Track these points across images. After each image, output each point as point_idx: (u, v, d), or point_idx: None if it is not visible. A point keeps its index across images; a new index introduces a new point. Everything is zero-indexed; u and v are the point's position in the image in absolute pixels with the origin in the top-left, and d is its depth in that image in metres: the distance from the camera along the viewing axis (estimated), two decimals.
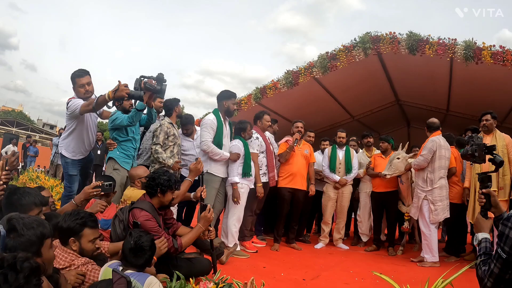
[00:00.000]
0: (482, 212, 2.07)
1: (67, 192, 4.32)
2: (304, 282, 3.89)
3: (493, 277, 1.64)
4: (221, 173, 4.80)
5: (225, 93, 5.00)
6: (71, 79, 4.17)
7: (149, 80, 3.99)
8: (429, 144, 5.06)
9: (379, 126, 11.27)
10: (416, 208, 5.10)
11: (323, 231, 6.15)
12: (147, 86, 3.96)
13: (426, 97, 9.19)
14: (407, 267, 4.94)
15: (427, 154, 5.00)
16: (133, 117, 4.20)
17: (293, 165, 5.62)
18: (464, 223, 5.37)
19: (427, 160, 4.99)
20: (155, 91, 4.04)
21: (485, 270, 1.70)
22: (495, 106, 5.96)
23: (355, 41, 7.41)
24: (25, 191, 2.45)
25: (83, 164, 4.44)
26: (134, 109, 4.16)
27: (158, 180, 3.25)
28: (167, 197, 3.33)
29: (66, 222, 2.47)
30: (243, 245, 5.20)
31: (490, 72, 6.37)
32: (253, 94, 8.58)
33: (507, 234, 1.59)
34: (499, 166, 2.16)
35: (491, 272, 1.65)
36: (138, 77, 4.00)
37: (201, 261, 3.65)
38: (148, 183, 3.32)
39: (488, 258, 1.75)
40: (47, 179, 8.58)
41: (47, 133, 49.71)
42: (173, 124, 4.81)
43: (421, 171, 5.09)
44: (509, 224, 1.59)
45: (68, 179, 4.36)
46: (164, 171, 3.40)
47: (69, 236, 2.47)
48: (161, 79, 4.03)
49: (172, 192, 3.35)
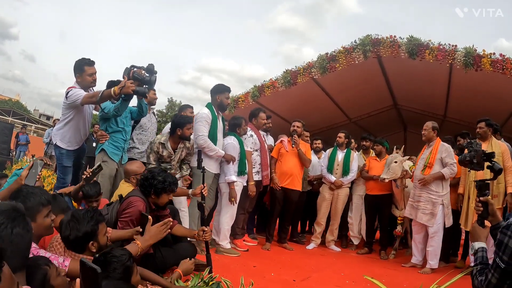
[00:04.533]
0: (479, 220, 2.02)
1: (61, 184, 4.25)
2: (294, 283, 3.84)
3: (490, 287, 1.60)
4: (213, 169, 4.72)
5: (219, 87, 4.92)
6: (79, 66, 4.13)
7: (138, 70, 3.95)
8: (450, 149, 5.02)
9: (375, 129, 11.27)
10: (431, 214, 4.92)
11: (315, 231, 6.11)
12: (135, 76, 3.91)
13: (424, 102, 9.20)
14: (399, 271, 4.92)
15: (455, 160, 4.91)
16: (118, 106, 4.07)
17: (286, 164, 5.58)
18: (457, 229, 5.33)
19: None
20: (144, 82, 3.99)
21: (481, 280, 1.65)
22: (493, 114, 5.93)
23: (355, 43, 7.41)
24: (29, 192, 2.22)
25: (76, 154, 4.37)
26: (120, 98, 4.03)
27: (152, 181, 3.14)
28: (162, 199, 3.24)
29: (81, 229, 2.25)
30: (234, 243, 5.15)
31: (489, 79, 6.37)
32: (250, 92, 8.57)
33: (506, 243, 1.55)
34: (497, 174, 2.12)
35: (488, 282, 1.61)
36: (128, 67, 3.96)
37: (184, 246, 3.60)
38: (141, 182, 3.21)
39: (484, 268, 1.70)
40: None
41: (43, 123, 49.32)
42: (165, 144, 4.43)
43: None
44: (508, 232, 1.55)
45: (62, 171, 4.28)
46: (160, 171, 3.26)
47: (88, 241, 2.28)
48: (151, 70, 3.97)
49: (168, 195, 3.25)
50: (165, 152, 4.43)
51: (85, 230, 2.24)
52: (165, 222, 2.83)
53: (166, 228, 2.83)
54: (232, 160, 4.79)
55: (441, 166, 4.96)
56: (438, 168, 4.96)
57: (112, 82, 4.47)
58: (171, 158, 4.48)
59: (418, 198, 5.05)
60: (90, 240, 2.26)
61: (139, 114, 4.48)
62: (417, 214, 5.04)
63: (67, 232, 2.23)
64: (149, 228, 2.78)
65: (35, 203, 2.17)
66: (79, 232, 2.23)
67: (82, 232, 2.23)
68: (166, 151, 4.43)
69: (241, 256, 4.76)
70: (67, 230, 2.23)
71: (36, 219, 2.15)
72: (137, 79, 3.92)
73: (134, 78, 3.90)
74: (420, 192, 5.04)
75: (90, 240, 2.26)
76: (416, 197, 5.09)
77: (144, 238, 2.71)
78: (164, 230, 2.81)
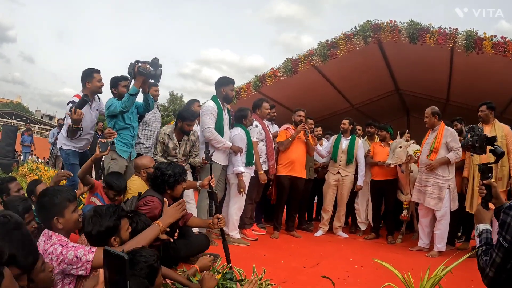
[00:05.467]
0: (482, 203, 2.08)
1: (70, 182, 4.36)
2: (304, 270, 3.92)
3: (494, 266, 1.66)
4: (221, 160, 4.80)
5: (223, 79, 4.97)
6: (89, 74, 4.37)
7: (143, 64, 3.99)
8: (455, 134, 5.08)
9: (378, 115, 11.27)
10: (439, 198, 5.00)
11: (323, 218, 6.20)
12: (141, 71, 3.96)
13: (426, 87, 9.19)
14: (406, 255, 5.00)
15: (460, 144, 4.99)
16: (125, 102, 4.11)
17: (292, 152, 5.62)
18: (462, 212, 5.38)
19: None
20: (149, 76, 4.04)
21: (486, 260, 1.72)
22: (495, 97, 5.95)
23: (355, 29, 7.40)
24: (55, 190, 2.33)
25: (81, 155, 4.54)
26: (126, 94, 4.11)
27: (163, 177, 3.22)
28: (177, 191, 3.33)
29: (103, 224, 2.26)
30: (243, 233, 5.23)
31: (491, 62, 6.36)
32: (252, 82, 8.60)
33: (509, 223, 1.60)
34: (499, 157, 2.17)
35: (493, 262, 1.67)
36: (132, 62, 4.01)
37: (198, 238, 3.69)
38: (153, 182, 3.28)
39: (489, 248, 1.77)
40: (46, 169, 8.58)
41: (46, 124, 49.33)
42: (170, 135, 4.57)
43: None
44: (511, 213, 1.61)
45: (71, 169, 4.36)
46: (167, 165, 3.32)
47: (110, 236, 2.30)
48: (155, 64, 4.01)
49: (181, 184, 3.34)
50: (171, 144, 4.52)
51: (107, 225, 2.26)
52: (180, 202, 2.90)
53: (182, 207, 2.90)
54: (239, 151, 4.85)
55: (447, 151, 5.01)
56: (443, 153, 5.01)
57: (116, 78, 4.55)
58: (176, 151, 4.55)
59: (425, 183, 5.11)
60: (112, 235, 2.30)
61: (145, 108, 4.51)
62: (425, 199, 5.10)
63: (89, 227, 2.27)
64: (167, 209, 2.85)
65: (62, 199, 2.27)
66: (101, 227, 2.25)
67: (104, 226, 2.26)
68: (172, 142, 4.52)
69: (250, 246, 4.85)
70: (89, 225, 2.27)
71: (64, 215, 2.26)
72: (143, 74, 3.97)
73: (139, 73, 3.95)
74: (426, 177, 5.10)
75: (112, 235, 2.29)
76: (422, 182, 5.15)
77: (163, 218, 2.78)
78: (180, 209, 2.88)
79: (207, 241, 3.75)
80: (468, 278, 3.62)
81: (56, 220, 2.24)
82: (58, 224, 2.25)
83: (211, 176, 3.99)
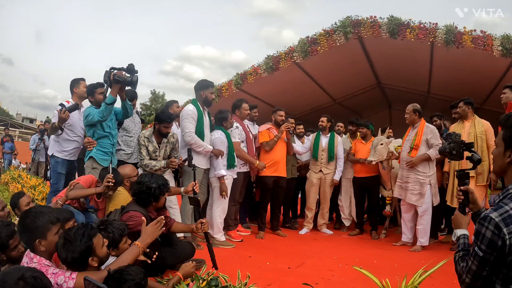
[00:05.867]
0: (460, 208, 2.10)
1: (53, 189, 4.50)
2: (289, 271, 3.94)
3: (471, 273, 1.69)
4: (203, 164, 4.78)
5: (203, 82, 4.95)
6: (76, 81, 4.74)
7: (118, 72, 3.95)
8: (435, 131, 5.15)
9: (360, 109, 11.37)
10: (420, 195, 5.07)
11: (307, 216, 6.22)
12: (117, 78, 3.92)
13: (407, 80, 9.27)
14: (391, 251, 5.07)
15: (440, 141, 5.04)
16: (103, 111, 4.08)
17: (276, 152, 5.62)
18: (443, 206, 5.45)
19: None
20: (126, 83, 4.00)
21: (463, 267, 1.75)
22: (475, 89, 6.07)
23: (335, 25, 7.41)
24: (38, 212, 2.27)
25: (69, 165, 4.74)
26: (103, 103, 4.08)
27: (148, 191, 3.21)
28: (161, 202, 3.34)
29: (76, 250, 2.17)
30: (228, 234, 5.23)
31: (471, 56, 6.44)
32: (233, 80, 8.56)
33: (484, 234, 1.63)
34: (476, 164, 2.19)
35: (468, 269, 1.70)
36: (107, 70, 3.97)
37: (183, 245, 3.69)
38: (138, 196, 3.25)
39: (466, 255, 1.80)
40: (29, 177, 8.44)
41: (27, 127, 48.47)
42: (149, 138, 4.55)
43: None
44: (485, 223, 1.63)
45: (57, 177, 4.59)
46: (150, 177, 3.30)
47: (87, 258, 2.23)
48: (131, 70, 3.97)
49: (164, 196, 3.35)
50: (151, 146, 4.51)
51: (80, 249, 2.18)
52: (158, 220, 2.89)
53: (160, 225, 2.88)
54: (220, 154, 4.84)
55: (427, 147, 5.07)
56: (424, 149, 5.07)
57: (92, 86, 4.53)
58: (156, 153, 4.54)
59: (406, 179, 5.17)
60: (88, 257, 2.23)
61: (124, 115, 4.47)
62: (406, 195, 5.17)
63: (63, 255, 2.20)
64: (145, 228, 2.83)
65: (44, 222, 2.24)
66: (74, 253, 2.17)
67: (77, 252, 2.18)
68: (152, 145, 4.52)
69: (236, 247, 4.86)
70: (62, 253, 2.20)
71: (47, 237, 2.22)
72: (119, 81, 3.93)
73: (115, 81, 3.92)
74: (407, 173, 5.16)
75: (88, 257, 2.23)
76: (404, 178, 5.21)
77: (142, 238, 2.76)
78: (158, 227, 2.86)
79: (193, 249, 3.76)
80: (445, 282, 3.62)
81: (38, 243, 2.20)
82: (40, 247, 2.21)
83: (194, 182, 3.98)
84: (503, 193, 1.74)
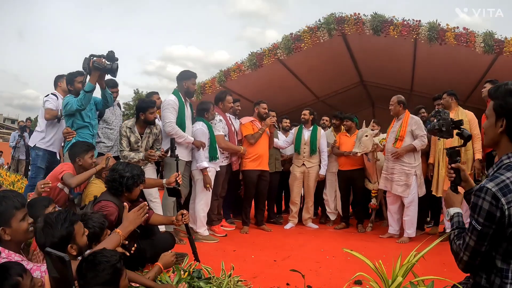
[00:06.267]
0: (452, 187, 2.05)
1: (31, 183, 4.38)
2: (275, 263, 3.86)
3: (469, 250, 1.62)
4: (184, 156, 4.66)
5: (185, 73, 4.87)
6: (59, 77, 4.79)
7: (98, 59, 3.84)
8: (419, 122, 5.17)
9: (344, 107, 11.34)
10: (406, 185, 5.07)
11: (291, 211, 6.16)
12: (96, 66, 3.81)
13: (390, 77, 9.32)
14: (377, 243, 5.04)
15: (425, 132, 5.05)
16: (81, 99, 3.95)
17: (259, 146, 5.56)
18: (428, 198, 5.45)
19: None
20: (105, 70, 3.89)
21: (460, 244, 1.68)
22: (457, 86, 6.09)
23: (319, 22, 7.39)
24: (0, 196, 2.10)
25: (50, 159, 4.64)
26: (82, 91, 3.95)
27: (121, 180, 3.03)
28: (134, 193, 3.15)
29: (56, 235, 2.05)
30: (212, 229, 5.12)
31: (454, 53, 6.51)
32: (217, 77, 8.50)
33: (481, 205, 1.56)
34: (467, 140, 2.14)
35: (466, 245, 1.63)
36: (87, 57, 3.85)
37: (163, 237, 3.55)
38: (110, 184, 3.07)
39: (462, 232, 1.73)
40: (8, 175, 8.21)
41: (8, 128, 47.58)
42: (131, 129, 4.43)
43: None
44: (481, 195, 1.57)
45: (36, 171, 4.51)
46: (125, 166, 3.13)
47: (66, 245, 2.09)
48: (111, 57, 3.87)
49: (138, 187, 3.17)
50: (133, 137, 4.39)
51: (60, 234, 2.05)
52: (141, 206, 2.75)
53: (143, 212, 2.75)
54: (202, 146, 4.73)
55: (412, 138, 5.07)
56: (409, 140, 5.07)
57: (71, 75, 4.39)
58: (138, 144, 4.42)
59: (392, 171, 5.16)
60: (68, 244, 2.10)
61: (104, 104, 4.35)
62: (392, 186, 5.16)
63: (42, 239, 2.06)
64: (127, 214, 2.69)
65: (8, 207, 2.06)
66: (54, 238, 2.04)
67: (57, 237, 2.04)
68: (134, 135, 4.40)
69: (220, 242, 4.75)
70: (41, 238, 2.06)
71: (11, 224, 2.05)
72: (98, 69, 3.83)
73: (94, 68, 3.81)
74: (393, 164, 5.15)
75: (67, 243, 2.09)
76: (389, 170, 5.19)
77: (124, 225, 2.62)
78: (141, 214, 2.73)
79: (173, 239, 3.61)
80: (440, 262, 3.66)
81: (2, 231, 2.04)
82: (4, 236, 2.05)
83: (178, 173, 3.86)
84: (497, 165, 1.69)
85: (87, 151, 3.75)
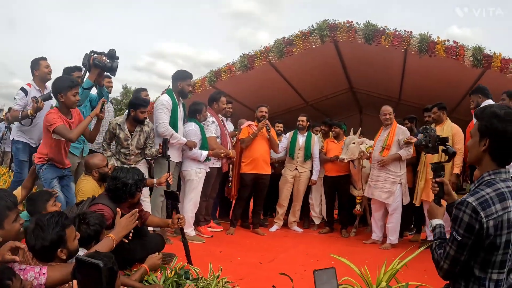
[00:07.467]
0: (435, 200, 2.16)
1: (17, 178, 4.31)
2: (261, 265, 3.93)
3: (449, 259, 1.73)
4: (175, 157, 4.67)
5: (181, 73, 4.82)
6: (35, 63, 4.42)
7: (99, 56, 3.84)
8: (407, 132, 5.30)
9: (332, 112, 11.48)
10: (390, 193, 5.17)
11: (277, 213, 6.23)
12: (96, 63, 3.81)
13: (379, 86, 9.44)
14: (361, 248, 5.15)
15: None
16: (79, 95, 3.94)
17: (255, 150, 5.62)
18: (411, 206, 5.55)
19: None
20: (105, 69, 3.90)
21: (441, 253, 1.78)
22: (445, 98, 6.23)
23: (312, 28, 7.46)
24: None
25: (32, 150, 4.40)
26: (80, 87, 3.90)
27: (125, 188, 3.06)
28: (137, 197, 3.22)
29: (46, 238, 2.01)
30: (198, 230, 5.16)
31: (443, 65, 6.61)
32: (207, 77, 8.47)
33: (461, 218, 1.68)
34: (451, 157, 2.26)
35: (447, 255, 1.74)
36: (87, 53, 3.85)
37: (153, 238, 3.60)
38: (114, 193, 3.10)
39: (443, 242, 1.84)
40: None
41: None
42: (121, 126, 4.39)
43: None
44: (462, 208, 1.68)
45: (19, 165, 4.39)
46: (126, 174, 3.13)
47: (56, 249, 2.06)
48: (112, 56, 3.88)
49: (141, 191, 3.24)
50: (122, 134, 4.34)
51: (51, 238, 2.02)
52: (133, 213, 2.80)
53: (135, 218, 2.80)
54: (194, 146, 4.76)
55: (398, 148, 5.20)
56: (395, 150, 5.19)
57: (68, 69, 4.37)
58: (128, 142, 4.37)
59: (377, 178, 5.28)
60: (58, 248, 2.07)
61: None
62: (376, 193, 5.27)
63: (32, 241, 2.03)
64: (119, 220, 2.74)
65: (0, 208, 1.97)
66: (45, 241, 2.01)
67: (48, 241, 2.02)
68: (123, 132, 4.35)
69: (206, 243, 4.79)
70: (32, 240, 2.03)
71: (4, 226, 1.98)
72: (99, 66, 3.83)
73: (95, 65, 3.81)
74: (378, 172, 5.27)
75: (58, 247, 2.07)
76: (374, 177, 5.32)
77: (116, 231, 2.66)
78: (133, 220, 2.78)
79: (162, 241, 3.67)
80: (422, 269, 3.75)
81: None
82: None
83: (169, 174, 3.90)
84: (478, 181, 1.79)
85: (71, 88, 3.50)
